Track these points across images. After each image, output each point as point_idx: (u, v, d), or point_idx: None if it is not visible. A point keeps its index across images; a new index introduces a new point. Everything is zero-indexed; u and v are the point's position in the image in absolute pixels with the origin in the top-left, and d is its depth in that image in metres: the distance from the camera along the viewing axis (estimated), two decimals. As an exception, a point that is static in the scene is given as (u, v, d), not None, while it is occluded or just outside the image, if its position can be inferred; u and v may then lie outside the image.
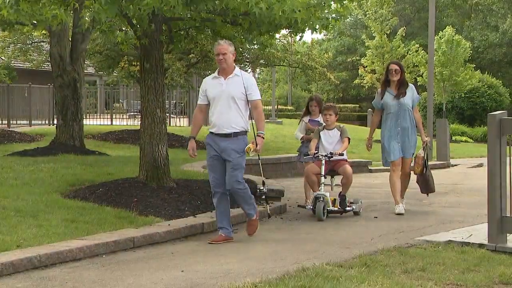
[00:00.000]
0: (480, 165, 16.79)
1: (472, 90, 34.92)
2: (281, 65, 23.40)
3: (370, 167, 14.75)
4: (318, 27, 7.28)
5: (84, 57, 15.10)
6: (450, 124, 28.25)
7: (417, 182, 8.36)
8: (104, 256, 5.62)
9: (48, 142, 14.24)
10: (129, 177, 8.51)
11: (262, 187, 6.73)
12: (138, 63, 13.72)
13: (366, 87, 34.84)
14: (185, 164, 11.27)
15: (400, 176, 8.15)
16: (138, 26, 7.85)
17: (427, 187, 8.22)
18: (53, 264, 5.24)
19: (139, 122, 9.06)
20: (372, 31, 29.68)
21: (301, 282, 4.52)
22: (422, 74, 30.72)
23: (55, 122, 15.50)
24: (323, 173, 7.65)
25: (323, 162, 7.69)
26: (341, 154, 7.81)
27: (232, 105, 6.32)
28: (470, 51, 33.06)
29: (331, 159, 7.76)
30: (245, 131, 6.42)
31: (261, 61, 20.62)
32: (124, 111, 28.04)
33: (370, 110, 7.45)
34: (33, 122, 22.65)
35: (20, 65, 27.24)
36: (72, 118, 13.58)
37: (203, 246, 6.14)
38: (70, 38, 13.78)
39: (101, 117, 25.96)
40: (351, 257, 5.47)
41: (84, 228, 6.19)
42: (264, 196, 6.84)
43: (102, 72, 25.10)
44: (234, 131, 6.32)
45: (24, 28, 14.93)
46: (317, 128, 8.15)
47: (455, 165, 17.30)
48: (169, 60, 15.08)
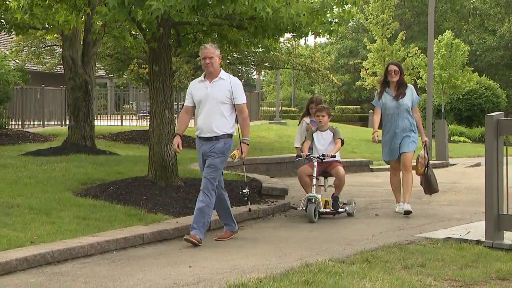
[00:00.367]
0: (478, 165, 16.76)
1: (470, 92, 35.13)
2: (285, 68, 23.54)
3: (371, 167, 14.72)
4: (321, 31, 7.33)
5: (95, 60, 15.21)
6: (449, 125, 28.28)
7: (421, 184, 8.20)
8: (115, 252, 5.70)
9: (61, 142, 14.37)
10: (139, 176, 8.57)
11: (245, 189, 6.53)
12: (147, 66, 13.94)
13: (368, 89, 34.91)
14: (193, 164, 11.32)
15: (403, 178, 7.98)
16: (147, 30, 7.92)
17: (430, 187, 8.09)
18: (65, 260, 5.32)
19: (148, 123, 9.12)
20: (374, 35, 29.78)
21: (305, 278, 4.59)
22: (422, 77, 30.80)
23: (67, 123, 15.63)
24: (315, 175, 7.53)
25: (315, 164, 7.57)
26: (333, 156, 7.65)
27: (217, 109, 6.18)
28: (468, 55, 33.13)
29: (324, 161, 7.63)
30: (229, 135, 6.25)
31: (266, 64, 20.74)
32: (134, 112, 28.24)
33: (372, 112, 7.49)
34: (46, 123, 22.78)
35: (34, 68, 27.40)
36: (84, 119, 13.75)
37: (210, 243, 6.19)
38: (82, 42, 13.94)
39: (112, 118, 26.19)
40: (353, 254, 5.55)
41: (95, 225, 6.27)
42: (246, 198, 6.64)
43: (113, 75, 25.39)
44: (216, 135, 6.20)
45: (37, 32, 15.13)
46: (311, 130, 8.00)
47: (454, 165, 17.22)
48: (177, 63, 15.23)
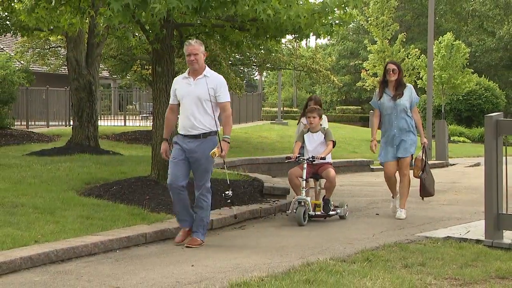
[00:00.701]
0: (477, 164, 16.82)
1: (470, 93, 35.42)
2: (287, 69, 23.61)
3: (372, 166, 14.76)
4: (322, 33, 7.34)
5: (99, 61, 15.34)
6: (449, 125, 28.43)
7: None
8: (118, 251, 5.73)
9: (65, 142, 14.47)
10: (142, 176, 8.60)
11: (228, 192, 6.25)
12: (150, 67, 14.06)
13: (368, 90, 35.02)
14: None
15: (400, 182, 7.81)
16: (151, 32, 7.96)
17: (424, 191, 7.81)
18: (69, 259, 5.34)
19: (151, 123, 9.16)
20: (374, 37, 29.86)
21: (306, 276, 4.62)
22: (422, 77, 30.87)
23: (71, 123, 15.70)
24: (305, 177, 7.38)
25: (305, 166, 7.41)
26: (323, 158, 7.48)
27: (200, 106, 6.03)
28: (468, 56, 33.27)
29: (314, 163, 7.48)
30: (215, 131, 6.10)
31: (268, 65, 20.82)
32: (137, 113, 28.35)
33: (372, 112, 7.58)
34: (51, 123, 22.91)
35: (38, 69, 27.53)
36: (88, 120, 13.85)
37: (212, 242, 6.23)
38: (86, 44, 14.01)
39: (115, 119, 26.34)
40: (354, 253, 5.58)
41: (99, 224, 6.30)
42: (230, 200, 6.41)
43: (116, 76, 25.50)
44: (203, 132, 6.04)
45: (41, 34, 15.23)
46: (301, 131, 7.84)
47: (453, 165, 17.30)
48: (180, 64, 15.30)
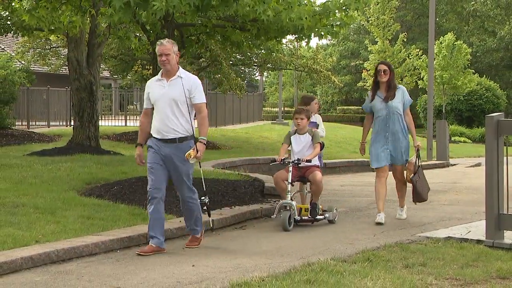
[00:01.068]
0: (478, 165, 16.80)
1: (471, 93, 35.51)
2: (288, 69, 23.68)
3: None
4: (323, 33, 7.37)
5: (100, 62, 15.35)
6: (450, 125, 28.45)
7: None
8: (119, 251, 5.74)
9: (66, 143, 14.48)
10: (142, 176, 8.48)
11: (204, 197, 6.05)
12: (151, 67, 14.07)
13: (369, 90, 35.17)
14: (196, 163, 11.37)
15: (396, 185, 7.64)
16: (152, 32, 7.99)
17: (416, 195, 7.47)
18: (70, 259, 5.36)
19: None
20: (375, 37, 29.93)
21: (307, 276, 4.63)
22: (423, 78, 30.90)
23: (72, 123, 15.77)
24: (290, 181, 7.06)
25: (290, 169, 7.08)
26: (309, 161, 7.16)
27: (175, 109, 5.79)
28: (470, 57, 33.33)
29: (300, 166, 7.16)
30: (191, 135, 5.90)
31: (269, 65, 20.90)
32: (138, 113, 28.26)
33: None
34: (51, 123, 22.96)
35: (39, 69, 27.56)
36: (88, 120, 13.87)
37: (213, 242, 6.24)
38: (87, 44, 14.03)
39: (116, 119, 26.33)
40: (355, 253, 5.58)
41: (100, 225, 6.33)
42: (206, 207, 6.14)
43: (117, 76, 25.56)
44: (179, 136, 5.82)
45: (41, 33, 15.26)
46: (288, 132, 7.54)
47: (454, 165, 17.30)
48: (180, 64, 15.38)
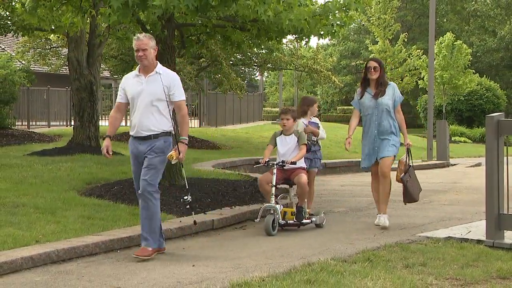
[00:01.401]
0: (478, 165, 16.84)
1: (471, 93, 35.63)
2: (288, 69, 23.68)
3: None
4: (323, 33, 7.36)
5: (100, 62, 15.36)
6: (450, 125, 28.51)
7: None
8: (119, 251, 5.75)
9: (66, 143, 14.49)
10: None
11: (186, 196, 5.88)
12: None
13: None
14: (196, 164, 11.39)
15: (379, 185, 7.18)
16: (152, 32, 7.96)
17: (407, 194, 7.20)
18: (70, 259, 5.37)
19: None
20: (375, 37, 29.92)
21: (307, 276, 4.63)
22: (423, 77, 30.91)
23: (73, 123, 15.77)
24: (274, 183, 6.84)
25: (274, 171, 6.87)
26: (293, 163, 6.96)
27: (152, 106, 5.61)
28: (470, 58, 33.38)
29: (285, 168, 6.97)
30: (168, 132, 5.69)
31: (269, 65, 20.92)
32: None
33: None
34: (52, 123, 23.02)
35: (39, 69, 27.58)
36: (89, 120, 13.88)
37: (213, 242, 6.26)
38: (87, 44, 14.05)
39: (117, 119, 26.27)
40: (355, 253, 5.59)
41: (100, 224, 6.34)
42: (189, 206, 6.06)
43: (117, 76, 25.50)
44: (154, 133, 5.62)
45: (41, 33, 15.26)
46: (274, 133, 7.36)
47: (454, 165, 17.34)
48: (180, 64, 15.36)
